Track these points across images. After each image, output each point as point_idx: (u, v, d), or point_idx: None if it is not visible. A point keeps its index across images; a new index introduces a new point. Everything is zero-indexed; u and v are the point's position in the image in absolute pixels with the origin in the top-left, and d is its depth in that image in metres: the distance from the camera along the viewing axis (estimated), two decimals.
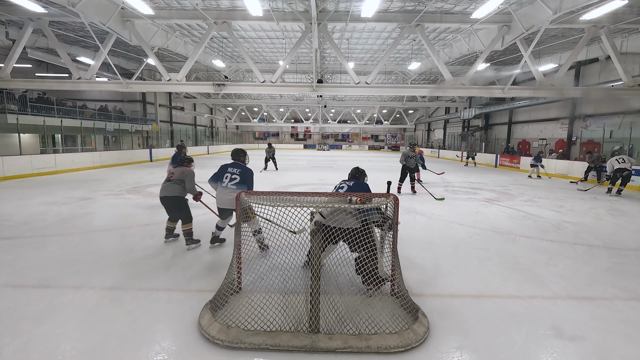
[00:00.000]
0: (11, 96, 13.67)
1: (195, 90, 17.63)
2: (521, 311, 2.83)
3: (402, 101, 27.58)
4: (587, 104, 14.47)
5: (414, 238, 4.85)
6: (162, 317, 2.65)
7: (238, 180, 4.04)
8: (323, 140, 44.29)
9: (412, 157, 8.52)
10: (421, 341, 2.35)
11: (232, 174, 4.08)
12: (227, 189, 4.03)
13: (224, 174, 4.10)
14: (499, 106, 19.85)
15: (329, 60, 18.28)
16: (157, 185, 9.80)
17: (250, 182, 4.10)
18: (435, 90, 15.14)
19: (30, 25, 10.19)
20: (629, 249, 4.59)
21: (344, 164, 20.16)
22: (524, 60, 10.66)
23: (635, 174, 10.51)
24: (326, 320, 2.53)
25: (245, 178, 4.07)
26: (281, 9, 10.42)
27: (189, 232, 4.31)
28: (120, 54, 16.22)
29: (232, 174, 4.08)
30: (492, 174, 14.45)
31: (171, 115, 26.66)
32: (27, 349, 2.24)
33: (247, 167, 4.26)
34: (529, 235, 5.11)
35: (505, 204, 7.65)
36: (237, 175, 4.07)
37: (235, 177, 4.06)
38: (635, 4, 9.19)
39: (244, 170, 4.13)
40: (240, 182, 4.04)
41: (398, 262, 2.91)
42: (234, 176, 4.06)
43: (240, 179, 4.05)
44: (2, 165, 10.44)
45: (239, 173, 4.08)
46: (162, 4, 10.32)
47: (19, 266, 3.65)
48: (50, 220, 5.57)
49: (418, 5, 10.12)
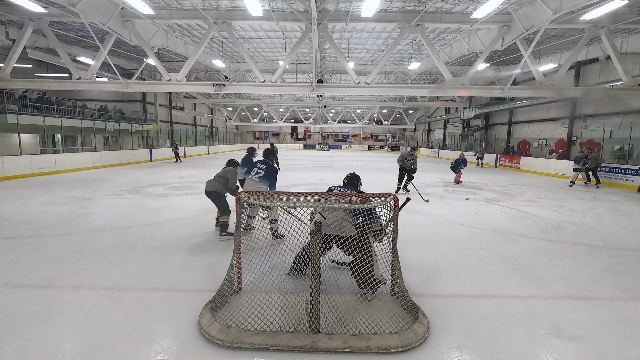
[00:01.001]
0: (11, 96, 13.66)
1: (195, 90, 17.65)
2: (521, 311, 2.83)
3: (402, 101, 27.58)
4: (587, 104, 14.47)
5: (414, 238, 4.85)
6: (162, 317, 2.65)
7: (262, 175, 4.58)
8: (323, 140, 44.30)
9: (409, 159, 8.52)
10: (421, 341, 2.35)
11: (259, 169, 4.67)
12: (251, 180, 4.60)
13: (253, 168, 4.73)
14: (499, 106, 19.86)
15: (329, 60, 18.28)
16: (157, 185, 9.80)
17: (272, 178, 4.62)
18: (435, 90, 15.16)
19: (30, 25, 10.19)
20: (629, 249, 4.59)
21: (344, 164, 20.17)
22: (524, 60, 10.66)
23: (635, 174, 10.54)
24: (326, 320, 2.53)
25: (268, 174, 4.60)
26: (281, 9, 10.42)
27: (224, 224, 4.68)
28: (120, 54, 16.22)
29: (259, 169, 4.67)
30: (492, 174, 14.45)
31: (171, 115, 26.66)
32: (27, 349, 2.24)
33: (273, 165, 4.83)
34: (529, 235, 5.11)
35: (505, 204, 7.65)
36: (262, 170, 4.64)
37: (260, 172, 4.62)
38: (635, 4, 9.19)
39: (269, 167, 4.69)
40: (264, 176, 4.58)
41: (398, 262, 2.91)
42: (259, 171, 4.64)
43: (265, 174, 4.59)
44: (2, 165, 10.44)
45: (264, 169, 4.65)
46: (162, 4, 10.32)
47: (19, 266, 3.65)
48: (50, 220, 5.57)
49: (418, 5, 10.12)
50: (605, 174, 11.52)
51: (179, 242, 4.53)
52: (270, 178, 4.60)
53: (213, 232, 5.01)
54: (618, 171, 11.18)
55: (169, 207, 6.79)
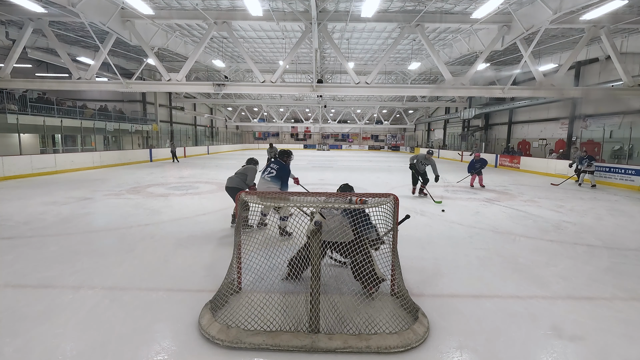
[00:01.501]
0: (11, 96, 13.67)
1: (195, 90, 17.64)
2: (521, 311, 2.83)
3: (402, 101, 27.58)
4: (587, 104, 14.47)
5: (414, 238, 4.85)
6: (162, 317, 2.65)
7: (274, 175, 4.80)
8: (323, 140, 44.31)
9: (424, 163, 8.06)
10: (421, 341, 2.35)
11: (272, 169, 4.88)
12: (264, 179, 4.84)
13: (267, 168, 4.96)
14: (499, 106, 19.85)
15: (329, 60, 18.28)
16: (157, 185, 9.80)
17: (284, 178, 4.82)
18: (435, 90, 15.14)
19: (30, 25, 10.19)
20: (629, 249, 4.59)
21: (344, 164, 20.18)
22: (524, 60, 10.66)
23: (635, 174, 10.54)
24: (326, 320, 2.53)
25: (280, 174, 4.81)
26: (281, 9, 10.42)
27: None
28: (120, 54, 16.22)
29: (272, 169, 4.87)
30: (492, 174, 14.44)
31: (171, 115, 26.66)
32: (27, 349, 2.24)
33: (286, 166, 5.04)
34: (529, 235, 5.10)
35: (505, 204, 7.65)
36: (275, 170, 4.84)
37: (272, 172, 4.83)
38: (635, 4, 9.19)
39: (281, 168, 4.89)
40: (276, 176, 4.79)
41: (398, 262, 2.90)
42: (272, 171, 4.85)
43: (276, 174, 4.81)
44: (2, 165, 10.44)
45: (276, 169, 4.86)
46: (162, 4, 10.32)
47: (19, 266, 3.64)
48: (50, 220, 5.57)
49: (418, 5, 10.12)
50: (605, 174, 11.52)
51: (179, 242, 4.53)
52: (282, 178, 4.80)
53: (213, 232, 5.01)
54: (618, 171, 11.17)
55: (169, 207, 6.79)
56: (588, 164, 10.46)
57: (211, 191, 8.83)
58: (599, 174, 11.49)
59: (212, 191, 8.82)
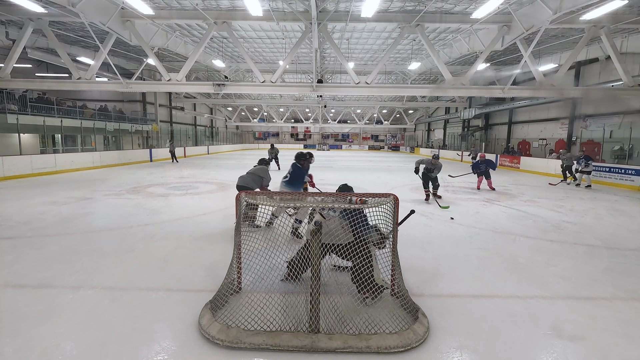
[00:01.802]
0: (11, 96, 13.66)
1: (195, 90, 17.64)
2: (521, 311, 2.83)
3: (402, 101, 27.58)
4: (587, 104, 14.47)
5: (414, 238, 4.85)
6: (162, 317, 2.65)
7: (287, 180, 4.82)
8: (323, 140, 44.30)
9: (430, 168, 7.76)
10: (421, 341, 2.35)
11: (288, 173, 4.91)
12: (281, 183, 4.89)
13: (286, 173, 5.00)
14: (499, 106, 19.85)
15: (329, 60, 18.28)
16: (157, 185, 9.80)
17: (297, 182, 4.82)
18: (435, 90, 15.14)
19: (30, 25, 10.18)
20: (629, 249, 4.59)
21: (344, 164, 20.18)
22: (524, 60, 10.65)
23: (635, 174, 10.54)
24: (326, 320, 2.53)
25: (293, 178, 4.81)
26: (281, 9, 10.41)
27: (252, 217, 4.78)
28: (120, 54, 16.21)
29: (287, 174, 4.90)
30: (492, 174, 14.39)
31: (171, 115, 26.65)
32: (27, 349, 2.24)
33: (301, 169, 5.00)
34: (529, 235, 5.11)
35: (505, 204, 7.65)
36: (289, 174, 4.85)
37: (287, 176, 4.83)
38: (635, 4, 9.19)
39: (294, 171, 4.88)
40: (289, 181, 4.80)
41: (398, 262, 2.90)
42: (287, 175, 4.87)
43: (290, 178, 4.80)
44: (2, 165, 10.44)
45: (290, 173, 4.87)
46: (162, 4, 10.32)
47: (19, 266, 3.65)
48: (50, 220, 5.57)
49: (418, 5, 10.11)
50: (605, 174, 11.52)
51: (179, 242, 4.53)
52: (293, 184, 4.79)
53: (213, 232, 5.01)
54: (618, 171, 11.17)
55: (169, 207, 6.79)
56: (585, 164, 10.35)
57: (211, 191, 8.83)
58: (599, 174, 11.49)
59: (212, 191, 8.82)
